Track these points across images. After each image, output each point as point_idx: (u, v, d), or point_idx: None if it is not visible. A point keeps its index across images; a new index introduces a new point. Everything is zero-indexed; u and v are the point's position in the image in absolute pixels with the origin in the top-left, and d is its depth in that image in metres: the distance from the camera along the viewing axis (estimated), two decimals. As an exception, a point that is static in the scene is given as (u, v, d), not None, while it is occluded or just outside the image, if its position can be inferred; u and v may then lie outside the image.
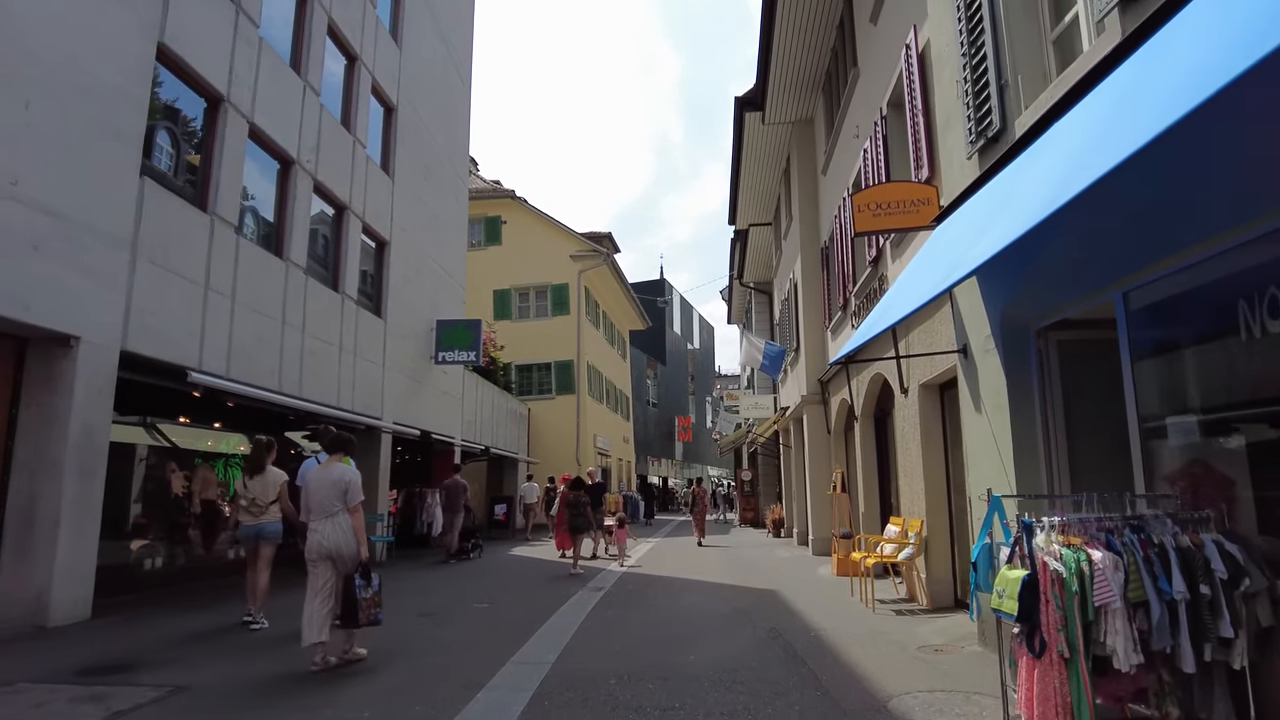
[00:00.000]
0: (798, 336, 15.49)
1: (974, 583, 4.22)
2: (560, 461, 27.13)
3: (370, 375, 13.99)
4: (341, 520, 5.52)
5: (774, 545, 17.14)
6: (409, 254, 16.00)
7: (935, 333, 7.53)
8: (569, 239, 29.16)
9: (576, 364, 28.25)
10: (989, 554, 4.12)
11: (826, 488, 14.04)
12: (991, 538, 4.20)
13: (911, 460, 8.44)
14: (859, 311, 11.00)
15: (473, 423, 20.11)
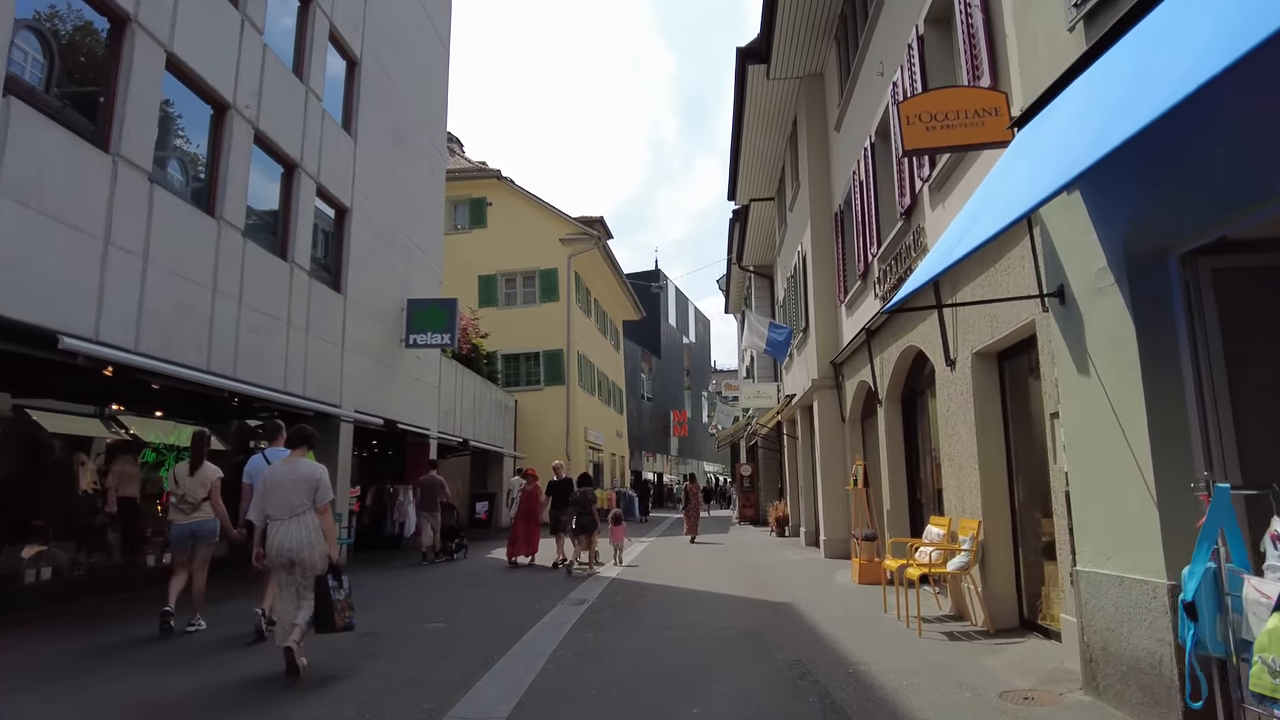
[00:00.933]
0: (806, 315, 13.95)
1: (1188, 637, 2.67)
2: (549, 456, 25.47)
3: (326, 357, 12.40)
4: (309, 520, 5.17)
5: (779, 546, 15.62)
6: (375, 225, 14.40)
7: (997, 283, 5.99)
8: (558, 221, 27.56)
9: (566, 353, 26.68)
10: (1215, 588, 2.57)
11: (841, 482, 12.51)
12: (1218, 559, 2.64)
13: (960, 448, 6.90)
14: (884, 278, 9.45)
15: (451, 413, 18.53)
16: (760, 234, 21.80)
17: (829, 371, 12.94)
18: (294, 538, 5.12)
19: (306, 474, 5.23)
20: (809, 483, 15.20)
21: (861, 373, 11.08)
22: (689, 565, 12.41)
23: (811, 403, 14.10)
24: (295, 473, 5.23)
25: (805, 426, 15.42)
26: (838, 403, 12.78)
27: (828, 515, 12.65)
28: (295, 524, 5.15)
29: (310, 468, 5.30)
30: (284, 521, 5.14)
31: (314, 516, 5.21)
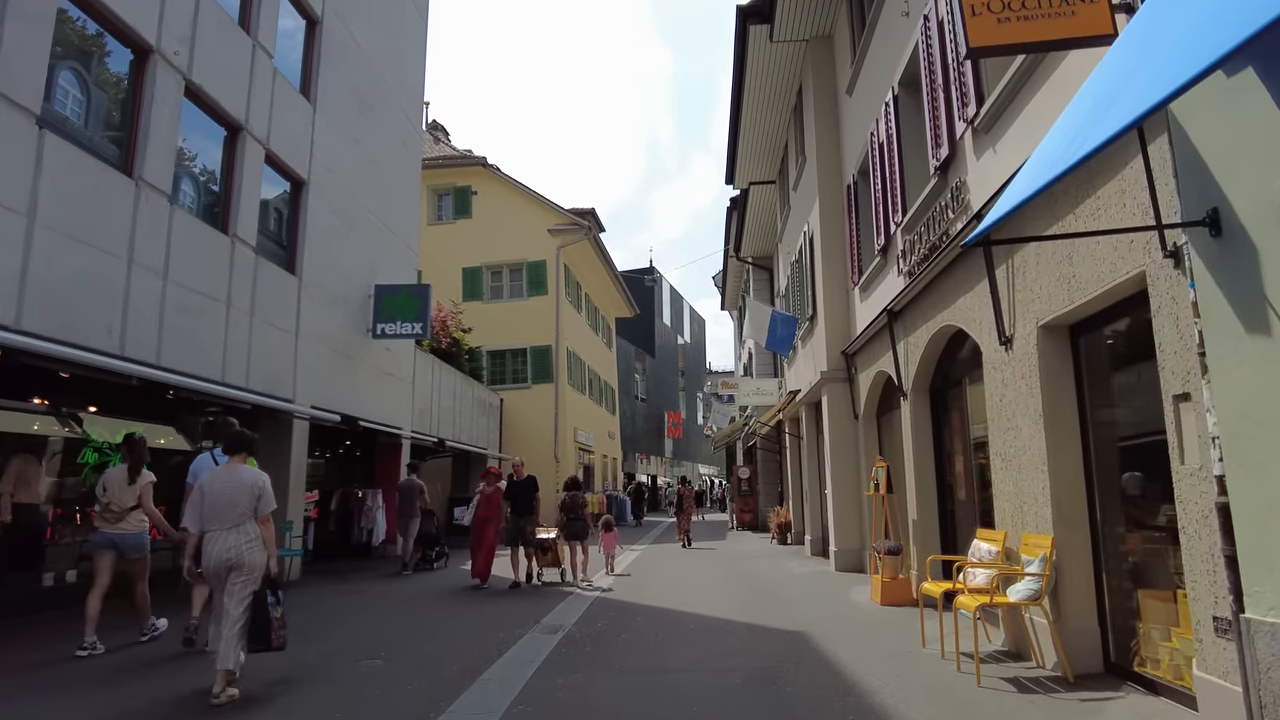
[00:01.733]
0: (813, 302, 12.63)
1: None
2: (537, 457, 24.16)
3: (277, 345, 11.02)
4: (248, 529, 4.92)
5: (782, 556, 14.28)
6: (337, 201, 13.03)
7: (1071, 235, 4.66)
8: (547, 211, 26.20)
9: (555, 349, 25.31)
10: None
11: (853, 486, 11.19)
12: None
13: (1020, 445, 5.57)
14: (911, 248, 8.13)
15: (427, 412, 17.15)
16: (760, 221, 20.50)
17: (840, 363, 11.61)
18: (234, 548, 4.83)
19: (247, 482, 4.95)
20: (815, 487, 13.87)
21: (880, 362, 9.75)
22: (684, 578, 11.06)
23: (819, 398, 12.78)
24: (235, 481, 4.94)
25: (811, 425, 14.10)
26: (850, 397, 11.44)
27: (839, 523, 11.31)
28: (235, 534, 4.87)
29: (251, 476, 5.01)
30: (223, 532, 4.85)
31: (254, 526, 4.94)
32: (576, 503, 10.74)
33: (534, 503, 10.40)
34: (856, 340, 10.85)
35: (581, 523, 10.61)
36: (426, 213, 26.89)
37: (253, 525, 4.94)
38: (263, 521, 4.99)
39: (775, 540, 16.88)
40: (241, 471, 5.03)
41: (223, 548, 4.82)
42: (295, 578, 11.38)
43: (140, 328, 8.21)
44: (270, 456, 10.78)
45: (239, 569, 4.84)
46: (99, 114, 8.13)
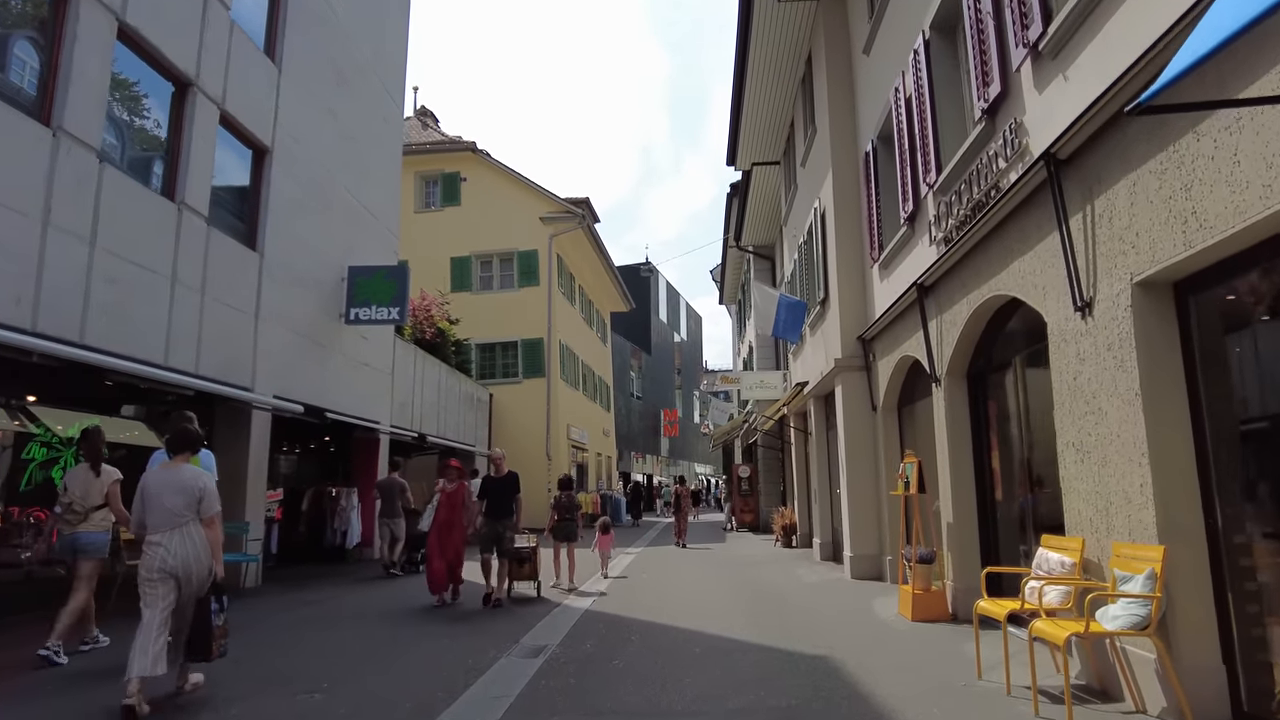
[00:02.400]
0: (825, 285, 11.57)
1: None
2: (527, 454, 23.11)
3: (233, 327, 9.93)
4: (193, 533, 4.64)
5: (790, 560, 13.22)
6: (307, 175, 11.93)
7: (1191, 155, 3.61)
8: (539, 198, 25.12)
9: (547, 341, 24.23)
10: None
11: (870, 485, 10.15)
12: None
13: (1105, 433, 4.51)
14: (948, 211, 7.08)
15: (408, 405, 16.06)
16: (762, 206, 19.46)
17: (856, 350, 10.55)
18: (177, 551, 4.56)
19: (187, 483, 4.71)
20: (825, 486, 12.82)
21: (906, 345, 8.69)
22: (684, 586, 9.99)
23: (832, 389, 11.72)
24: (177, 480, 4.71)
25: (821, 419, 13.04)
26: (867, 387, 10.38)
27: (855, 526, 10.25)
28: (177, 536, 4.60)
29: (192, 475, 4.77)
30: (166, 534, 4.59)
31: (199, 529, 4.69)
32: (572, 503, 10.35)
33: (515, 505, 8.70)
34: (875, 324, 9.79)
35: (574, 524, 10.24)
36: (413, 200, 25.87)
37: (197, 528, 4.68)
38: (207, 524, 4.73)
39: (780, 543, 15.83)
40: (182, 471, 4.76)
41: (164, 550, 4.54)
42: (254, 585, 10.30)
43: (59, 300, 7.12)
44: (226, 450, 9.70)
45: (183, 580, 4.58)
46: (6, 49, 7.02)
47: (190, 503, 4.66)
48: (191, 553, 4.60)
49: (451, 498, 8.75)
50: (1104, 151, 4.49)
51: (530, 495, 22.55)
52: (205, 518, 4.72)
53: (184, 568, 4.56)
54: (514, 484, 8.82)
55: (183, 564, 4.56)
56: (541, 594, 9.05)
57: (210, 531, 4.73)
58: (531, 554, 9.12)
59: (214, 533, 4.76)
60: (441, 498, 8.85)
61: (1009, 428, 6.88)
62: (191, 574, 4.59)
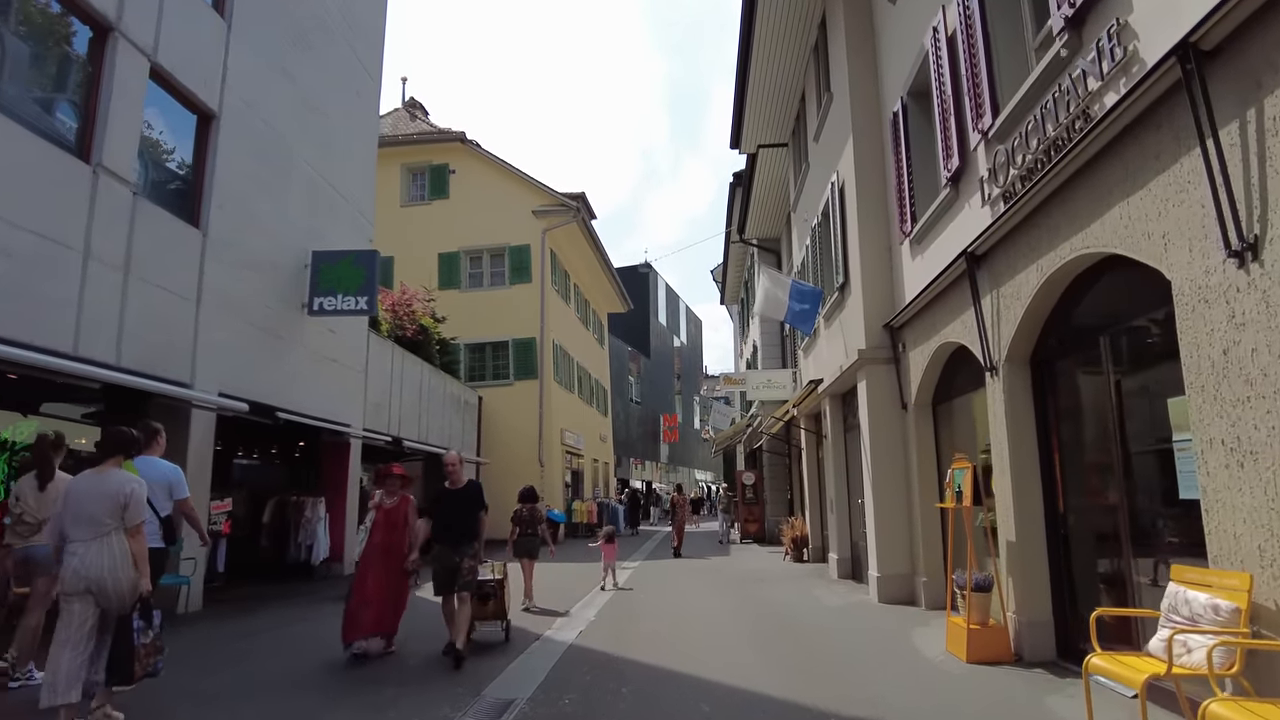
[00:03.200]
0: (844, 268, 10.27)
1: None
2: (519, 461, 21.81)
3: (167, 314, 8.62)
4: (114, 543, 4.27)
5: (803, 578, 11.87)
6: (263, 146, 10.64)
7: None
8: (531, 190, 23.84)
9: (540, 341, 22.91)
10: None
11: (899, 494, 8.84)
12: None
13: None
14: (1010, 161, 5.78)
15: (383, 407, 14.73)
16: (768, 194, 18.17)
17: (882, 340, 9.25)
18: (95, 563, 4.17)
19: (113, 489, 4.31)
20: (843, 494, 11.48)
21: (947, 330, 7.39)
22: (687, 611, 8.65)
23: (852, 386, 10.43)
24: (102, 486, 4.33)
25: (838, 420, 11.72)
26: (896, 382, 9.07)
27: (882, 542, 8.92)
28: (98, 547, 4.20)
29: (119, 481, 4.37)
30: (84, 544, 4.21)
31: (122, 539, 4.29)
32: (535, 515, 9.47)
33: (478, 525, 6.52)
34: (906, 309, 8.49)
35: (537, 539, 9.38)
36: (399, 193, 24.64)
37: (119, 539, 4.30)
38: (131, 534, 4.37)
39: (789, 557, 14.49)
40: (109, 476, 4.40)
41: (80, 564, 4.18)
42: (194, 609, 8.96)
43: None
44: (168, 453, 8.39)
45: (99, 594, 4.21)
46: None
47: (114, 510, 4.28)
48: (108, 564, 4.22)
49: (391, 516, 6.62)
50: (1278, 31, 3.19)
51: None
52: (129, 527, 4.32)
53: (98, 581, 4.19)
54: (475, 498, 6.64)
55: (97, 577, 4.19)
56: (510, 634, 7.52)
57: (133, 542, 4.36)
58: (498, 588, 7.09)
59: (137, 544, 4.38)
60: (378, 516, 6.63)
61: (1087, 423, 5.58)
62: (108, 588, 4.21)
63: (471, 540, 6.42)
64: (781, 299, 10.72)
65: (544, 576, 13.10)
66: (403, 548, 6.55)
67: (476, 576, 6.52)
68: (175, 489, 5.50)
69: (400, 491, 6.80)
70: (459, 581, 6.27)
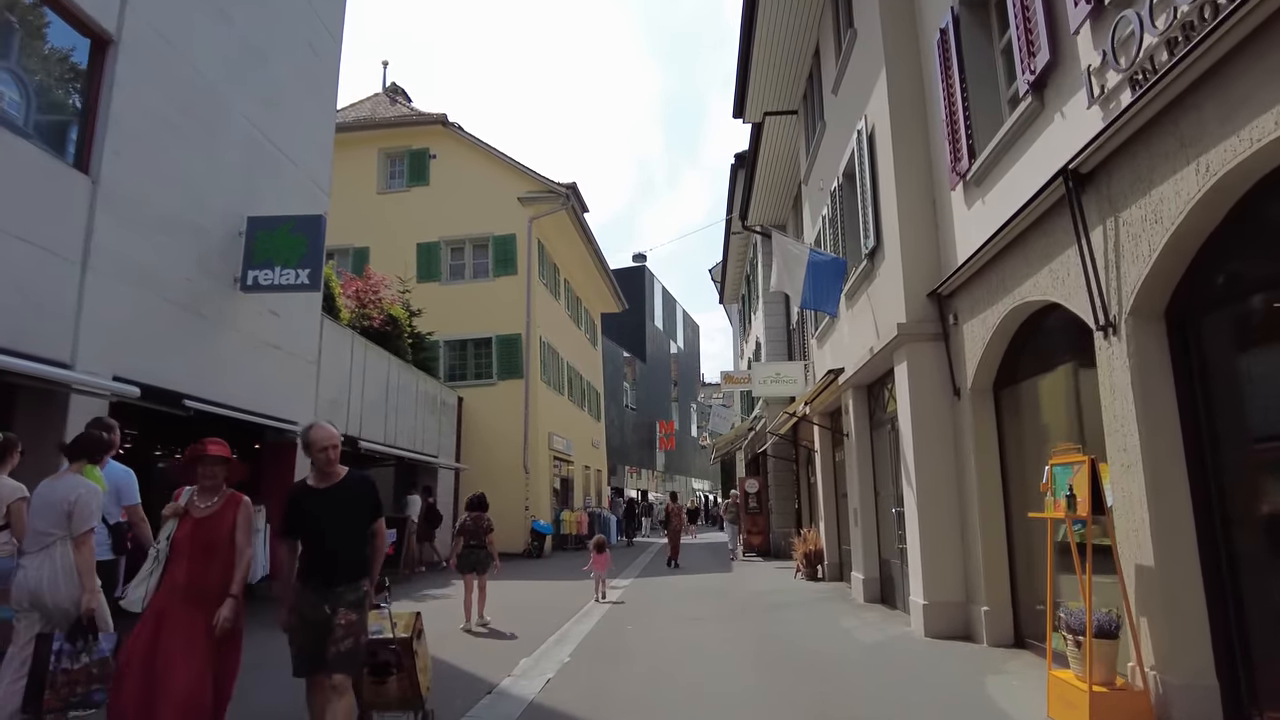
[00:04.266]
0: (875, 230, 8.56)
1: None
2: (502, 467, 20.06)
3: (36, 275, 6.88)
4: (57, 554, 3.95)
5: (824, 601, 10.12)
6: (181, 88, 8.92)
7: None
8: (517, 176, 22.17)
9: (525, 337, 21.17)
10: None
11: (951, 500, 7.11)
12: None
13: None
14: (1130, 45, 4.08)
15: (340, 404, 12.98)
16: (774, 172, 16.55)
17: (927, 312, 7.54)
18: (34, 577, 3.89)
19: (61, 494, 4.01)
20: (870, 503, 9.74)
21: (1025, 288, 5.68)
22: (688, 651, 6.89)
23: (883, 374, 8.74)
24: (50, 494, 4.04)
25: (863, 416, 9.98)
26: (945, 364, 7.35)
27: (930, 561, 7.18)
28: (39, 559, 3.93)
29: (67, 487, 4.04)
30: (32, 555, 3.94)
31: (67, 550, 3.95)
32: (480, 526, 8.61)
33: (367, 549, 4.06)
34: (961, 269, 6.78)
35: (483, 551, 8.49)
36: (376, 180, 22.98)
37: (64, 549, 3.95)
38: (78, 542, 3.95)
39: (801, 574, 12.72)
40: (60, 483, 4.09)
41: (24, 577, 3.91)
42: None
43: None
44: (27, 452, 6.63)
45: (42, 611, 3.88)
46: None
47: (59, 518, 3.99)
48: (48, 577, 3.90)
49: (204, 532, 3.95)
50: None
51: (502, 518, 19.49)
52: (74, 536, 3.98)
53: (37, 595, 3.87)
54: (360, 502, 4.08)
55: (36, 590, 3.88)
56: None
57: (78, 554, 3.98)
58: (399, 657, 4.30)
59: (83, 554, 3.99)
60: (179, 532, 3.94)
61: (1257, 400, 3.87)
62: (47, 603, 3.88)
63: (357, 575, 3.93)
64: (796, 275, 8.99)
65: (522, 594, 11.35)
66: (217, 592, 3.85)
67: (363, 641, 3.90)
68: (124, 493, 5.18)
69: (224, 488, 4.12)
70: (330, 652, 3.71)
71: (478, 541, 8.46)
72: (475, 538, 8.46)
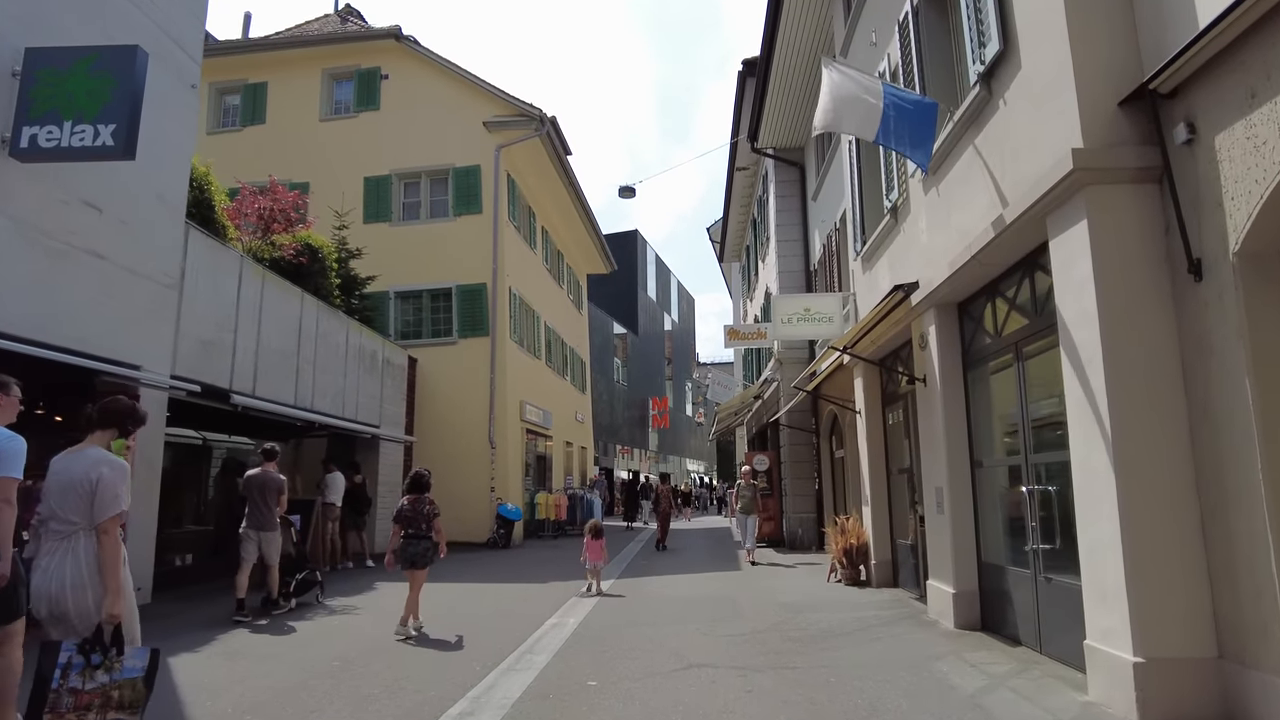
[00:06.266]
0: (1000, 26, 5.17)
1: None
2: (462, 441, 16.77)
3: None
4: (80, 549, 3.18)
5: (888, 622, 6.86)
6: None
7: None
8: (482, 98, 18.67)
9: (492, 288, 17.77)
10: None
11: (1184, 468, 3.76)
12: None
13: None
14: None
15: (219, 347, 9.63)
16: (794, 72, 13.15)
17: (1121, 133, 4.20)
18: (54, 578, 3.12)
19: (79, 472, 3.25)
20: (964, 479, 6.45)
21: None
22: None
23: (1021, 264, 5.44)
24: (72, 469, 3.29)
25: (952, 349, 6.67)
26: (1166, 219, 4.04)
27: (1144, 583, 3.88)
28: (60, 554, 3.17)
29: (89, 462, 3.29)
30: (50, 550, 3.18)
31: (91, 542, 3.20)
32: (420, 512, 6.84)
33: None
34: (1209, 36, 3.44)
35: (427, 542, 6.81)
36: (319, 105, 19.51)
37: (88, 542, 3.18)
38: (101, 532, 3.19)
39: (839, 577, 9.50)
40: (80, 457, 3.32)
41: (41, 579, 3.13)
42: None
43: None
44: None
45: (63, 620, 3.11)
46: None
47: (80, 503, 3.19)
48: (72, 577, 3.12)
49: None
50: None
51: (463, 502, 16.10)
52: (98, 523, 3.19)
53: (56, 603, 3.11)
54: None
55: (58, 594, 3.10)
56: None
57: (102, 545, 3.17)
58: None
59: (107, 544, 3.17)
60: None
61: None
62: (70, 611, 3.11)
63: None
64: (866, 108, 5.64)
65: (463, 604, 8.23)
66: None
67: None
68: None
69: None
70: None
71: (416, 530, 6.77)
72: (414, 525, 6.79)
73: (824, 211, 13.58)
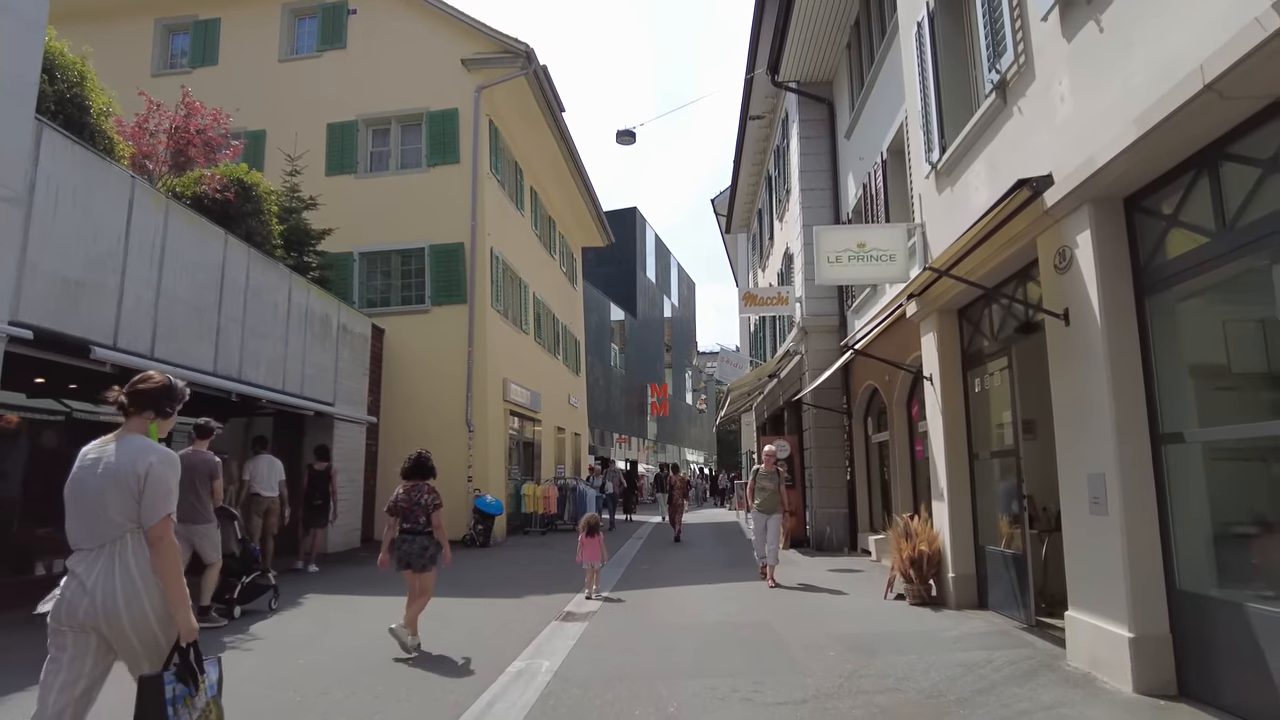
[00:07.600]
0: None
1: None
2: (436, 422, 14.52)
3: None
4: (129, 554, 2.56)
5: (1018, 678, 4.67)
6: None
7: None
8: (461, 33, 16.32)
9: (470, 247, 15.47)
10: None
11: None
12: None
13: None
14: None
15: (91, 290, 7.34)
16: None
17: None
18: (102, 589, 2.49)
19: (125, 465, 2.58)
20: (1144, 462, 4.23)
21: None
22: None
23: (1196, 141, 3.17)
24: (110, 463, 2.60)
25: (1118, 272, 4.44)
26: None
27: None
28: (105, 561, 2.53)
29: (135, 452, 2.62)
30: (86, 556, 2.55)
31: (141, 548, 2.58)
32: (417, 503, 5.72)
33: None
34: None
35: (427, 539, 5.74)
36: (279, 44, 17.15)
37: (138, 547, 2.56)
38: (155, 538, 2.56)
39: (904, 593, 7.29)
40: (122, 446, 2.63)
41: (78, 588, 2.49)
42: None
43: None
44: None
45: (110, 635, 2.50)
46: None
47: (125, 500, 2.54)
48: (123, 589, 2.49)
49: None
50: None
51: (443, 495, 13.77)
52: (148, 526, 2.55)
53: (108, 615, 2.47)
54: None
55: (106, 609, 2.47)
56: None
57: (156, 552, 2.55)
58: None
59: (160, 555, 2.55)
60: None
61: None
62: (124, 626, 2.48)
63: None
64: None
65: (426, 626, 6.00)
66: None
67: None
68: None
69: None
70: None
71: (417, 527, 5.75)
72: (411, 518, 5.77)
73: (862, 147, 11.32)
